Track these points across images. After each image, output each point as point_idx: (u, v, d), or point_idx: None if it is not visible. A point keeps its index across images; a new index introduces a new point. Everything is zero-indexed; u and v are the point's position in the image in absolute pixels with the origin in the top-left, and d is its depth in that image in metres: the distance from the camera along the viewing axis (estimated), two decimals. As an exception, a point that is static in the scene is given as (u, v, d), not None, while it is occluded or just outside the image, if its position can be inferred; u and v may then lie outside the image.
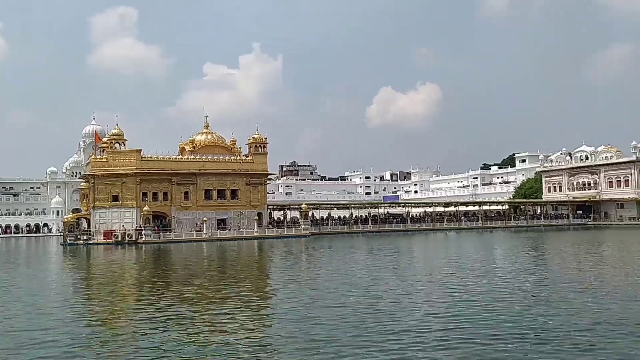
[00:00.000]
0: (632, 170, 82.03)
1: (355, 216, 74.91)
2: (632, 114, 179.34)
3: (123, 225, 58.45)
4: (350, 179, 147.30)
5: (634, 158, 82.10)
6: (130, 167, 60.41)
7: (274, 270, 29.97)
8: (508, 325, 12.95)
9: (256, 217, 63.19)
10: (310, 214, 68.05)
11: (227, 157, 65.57)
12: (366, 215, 75.35)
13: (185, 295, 19.36)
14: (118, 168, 60.43)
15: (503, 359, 10.32)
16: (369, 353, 10.76)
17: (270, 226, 65.52)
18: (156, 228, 58.14)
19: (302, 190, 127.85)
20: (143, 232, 56.56)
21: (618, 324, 12.85)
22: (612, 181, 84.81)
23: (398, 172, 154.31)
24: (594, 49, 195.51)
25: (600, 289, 18.66)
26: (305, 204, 68.07)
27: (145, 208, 57.61)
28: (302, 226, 64.11)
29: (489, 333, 12.18)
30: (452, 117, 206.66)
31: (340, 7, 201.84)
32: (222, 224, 62.81)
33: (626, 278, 21.74)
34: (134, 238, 56.43)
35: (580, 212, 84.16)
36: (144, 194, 60.42)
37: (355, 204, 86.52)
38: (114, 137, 62.47)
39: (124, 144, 62.77)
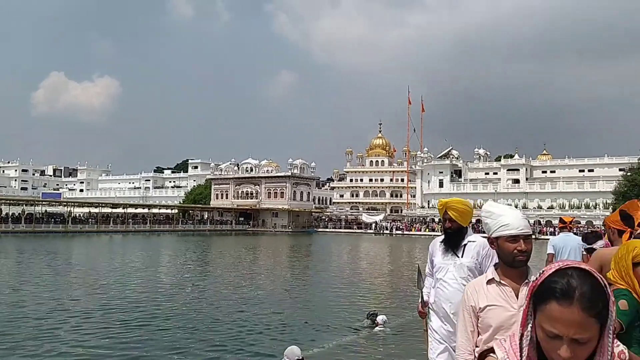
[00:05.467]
0: (287, 184, 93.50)
1: (6, 214, 65.25)
2: (289, 135, 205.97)
3: None
4: (3, 171, 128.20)
5: (289, 173, 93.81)
6: None
7: None
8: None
9: None
10: (-59, 209, 56.13)
11: None
12: (19, 213, 66.42)
13: None
14: None
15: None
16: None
17: None
18: None
19: None
20: None
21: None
22: (270, 192, 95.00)
23: (63, 168, 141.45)
24: (268, 73, 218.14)
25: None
26: (-64, 197, 55.94)
27: None
28: None
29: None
30: (130, 115, 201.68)
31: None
32: None
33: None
34: None
35: (242, 218, 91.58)
36: None
37: (7, 199, 75.21)
38: None
39: None
